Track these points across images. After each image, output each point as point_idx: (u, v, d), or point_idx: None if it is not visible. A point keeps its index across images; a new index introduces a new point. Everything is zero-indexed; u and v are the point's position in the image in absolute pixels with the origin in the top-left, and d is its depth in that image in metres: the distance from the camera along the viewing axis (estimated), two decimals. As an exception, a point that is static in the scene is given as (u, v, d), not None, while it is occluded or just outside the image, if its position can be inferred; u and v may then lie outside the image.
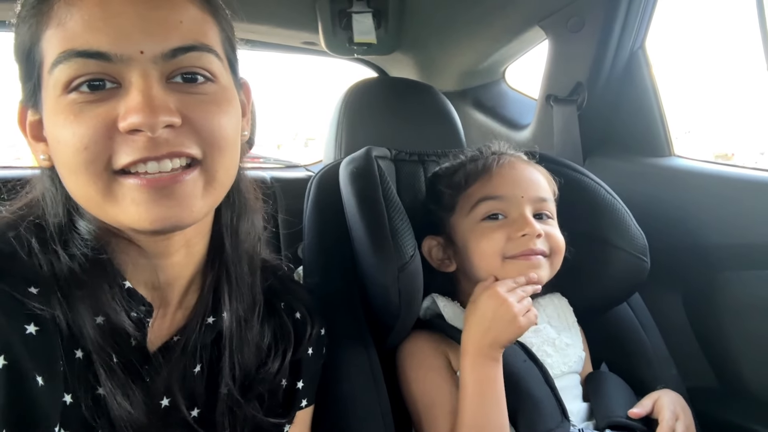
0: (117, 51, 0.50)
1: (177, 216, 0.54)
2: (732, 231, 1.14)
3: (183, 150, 0.53)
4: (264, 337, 0.70)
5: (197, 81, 0.55)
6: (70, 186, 0.55)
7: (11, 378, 0.50)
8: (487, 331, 0.80)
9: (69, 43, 0.50)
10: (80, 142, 0.50)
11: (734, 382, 1.19)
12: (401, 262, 0.81)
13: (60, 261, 0.56)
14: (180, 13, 0.54)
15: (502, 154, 0.95)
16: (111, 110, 0.51)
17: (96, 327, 0.55)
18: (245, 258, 0.69)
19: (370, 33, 1.34)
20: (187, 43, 0.53)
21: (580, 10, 1.23)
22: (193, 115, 0.53)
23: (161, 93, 0.51)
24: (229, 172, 0.59)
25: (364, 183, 0.90)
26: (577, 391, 0.91)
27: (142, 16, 0.51)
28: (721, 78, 1.87)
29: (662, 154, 1.29)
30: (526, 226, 0.85)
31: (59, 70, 0.51)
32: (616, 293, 1.02)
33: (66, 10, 0.51)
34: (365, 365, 0.84)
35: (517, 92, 1.75)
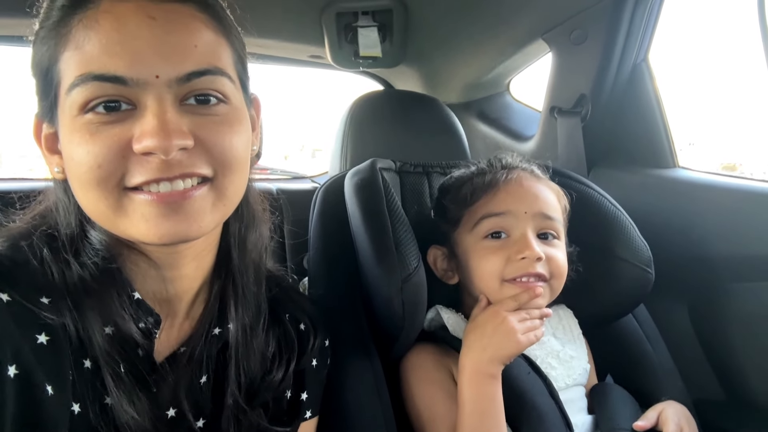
0: (133, 75, 0.52)
1: (185, 230, 0.55)
2: (737, 242, 1.14)
3: (195, 171, 0.54)
4: (269, 346, 0.70)
5: (210, 102, 0.56)
6: (82, 200, 0.56)
7: (22, 387, 0.51)
8: (485, 348, 0.81)
9: (86, 66, 0.52)
10: (94, 160, 0.52)
11: (741, 394, 1.18)
12: (405, 274, 0.82)
13: (71, 270, 0.57)
14: (195, 37, 0.55)
15: (512, 169, 0.94)
16: (126, 131, 0.52)
17: (105, 336, 0.56)
18: (251, 268, 0.70)
19: (376, 47, 1.36)
20: (201, 67, 0.55)
21: (583, 23, 1.24)
22: (205, 136, 0.55)
23: (175, 116, 0.53)
24: (239, 188, 0.61)
25: (368, 195, 0.90)
26: (582, 403, 0.91)
27: (158, 41, 0.53)
28: (725, 88, 1.87)
29: (666, 165, 1.29)
30: (526, 249, 0.84)
31: (76, 92, 0.52)
32: (621, 305, 1.01)
33: (84, 33, 0.52)
34: (369, 376, 0.84)
35: (522, 104, 1.77)
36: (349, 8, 1.26)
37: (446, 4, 1.25)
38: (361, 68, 1.63)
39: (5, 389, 0.50)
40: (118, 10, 0.53)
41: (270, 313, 0.73)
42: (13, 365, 0.51)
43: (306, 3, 1.26)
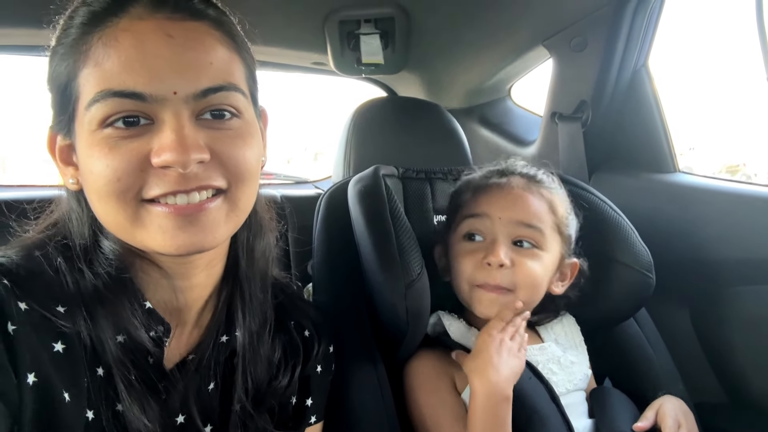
0: (152, 91, 0.53)
1: (201, 241, 0.57)
2: (738, 246, 1.15)
3: (211, 183, 0.56)
4: (275, 352, 0.72)
5: (224, 117, 0.58)
6: (100, 212, 0.58)
7: (40, 394, 0.53)
8: (499, 370, 0.80)
9: (106, 83, 0.53)
10: (114, 174, 0.54)
11: (743, 397, 1.19)
12: (408, 280, 0.83)
13: (85, 279, 0.59)
14: (210, 55, 0.57)
15: (509, 174, 0.94)
16: (144, 145, 0.54)
17: (117, 344, 0.58)
18: (258, 276, 0.72)
19: (378, 54, 1.38)
20: (217, 83, 0.56)
21: (583, 31, 1.25)
22: (220, 150, 0.57)
23: (192, 131, 0.55)
24: (250, 199, 0.63)
25: (371, 202, 0.92)
26: (583, 408, 0.91)
27: (176, 59, 0.54)
28: (726, 90, 1.87)
29: (667, 170, 1.30)
30: (492, 255, 0.85)
31: (96, 107, 0.54)
32: (623, 309, 1.02)
33: (103, 50, 0.54)
34: (373, 380, 0.86)
35: (523, 109, 1.78)
36: (351, 16, 1.27)
37: (447, 11, 1.26)
38: (363, 75, 1.64)
39: (24, 396, 0.52)
40: (137, 29, 0.54)
41: (276, 319, 0.74)
42: (32, 373, 0.53)
43: (309, 11, 1.27)
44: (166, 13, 0.56)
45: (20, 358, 0.53)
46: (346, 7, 1.25)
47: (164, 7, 0.56)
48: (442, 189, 1.11)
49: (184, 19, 0.56)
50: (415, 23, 1.29)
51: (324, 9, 1.25)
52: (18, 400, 0.52)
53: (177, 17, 0.56)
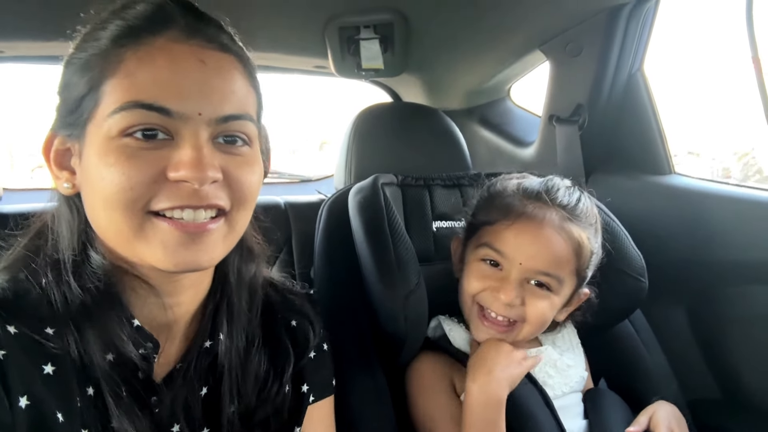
0: (178, 109, 0.56)
1: (198, 260, 0.59)
2: (733, 247, 1.17)
3: (217, 202, 0.59)
4: (261, 366, 0.73)
5: (236, 143, 0.61)
6: (102, 220, 0.59)
7: (34, 417, 0.55)
8: (491, 371, 0.85)
9: (135, 94, 0.56)
10: (128, 182, 0.55)
11: (738, 394, 1.22)
12: (407, 291, 0.87)
13: (72, 293, 0.59)
14: (234, 84, 0.61)
15: (547, 207, 0.89)
16: (161, 159, 0.56)
17: (106, 362, 0.59)
18: (246, 293, 0.74)
19: (378, 59, 1.39)
20: (237, 112, 0.60)
21: (578, 36, 1.26)
22: (230, 173, 0.60)
23: (210, 152, 0.58)
24: (246, 222, 0.66)
25: (371, 215, 0.95)
26: (579, 409, 0.94)
27: (205, 83, 0.58)
28: (725, 84, 1.88)
29: (663, 172, 1.32)
30: (503, 291, 0.87)
31: (121, 116, 0.56)
32: (616, 312, 1.05)
33: (137, 64, 0.57)
34: (372, 390, 0.88)
35: (523, 109, 1.79)
36: (350, 22, 1.29)
37: (445, 17, 1.27)
38: (364, 79, 1.66)
39: (17, 420, 0.54)
40: (173, 50, 0.58)
41: (263, 325, 0.76)
42: (24, 396, 0.54)
43: (309, 18, 1.29)
44: (200, 42, 0.59)
45: (11, 382, 0.54)
46: (345, 14, 1.26)
47: (199, 36, 0.60)
48: (441, 195, 1.13)
49: (215, 50, 0.60)
50: (414, 28, 1.30)
51: (324, 16, 1.26)
52: (12, 424, 0.53)
53: (209, 47, 0.60)
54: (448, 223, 1.12)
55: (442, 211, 1.12)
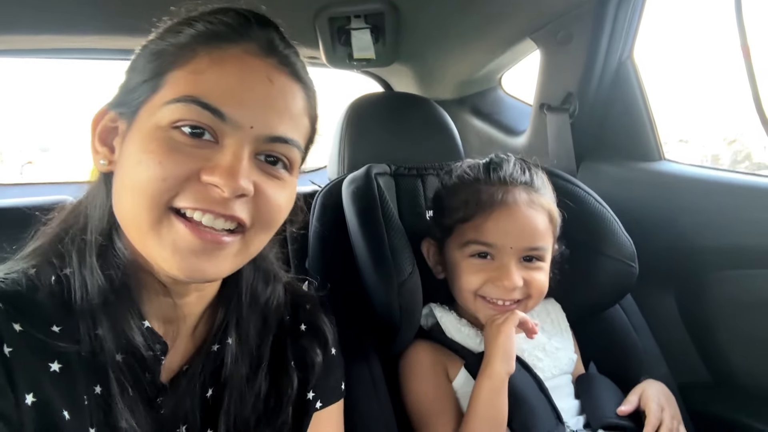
0: (233, 115, 0.57)
1: (206, 271, 0.58)
2: (722, 233, 1.19)
3: (240, 216, 0.58)
4: (262, 393, 0.72)
5: (276, 165, 0.62)
6: (125, 204, 0.59)
7: (40, 413, 0.55)
8: (486, 350, 0.88)
9: (197, 90, 0.56)
10: (162, 172, 0.55)
11: (726, 377, 1.24)
12: (401, 279, 0.87)
13: (93, 277, 0.60)
14: (293, 107, 0.62)
15: (509, 186, 0.93)
16: (200, 159, 0.57)
17: (116, 362, 0.59)
18: (256, 315, 0.73)
19: (369, 49, 1.39)
20: (287, 135, 0.61)
21: (569, 24, 1.27)
22: (262, 191, 0.60)
23: (248, 164, 0.58)
24: (262, 245, 0.65)
25: (364, 204, 0.95)
26: (569, 389, 0.96)
27: (267, 100, 0.59)
28: (713, 71, 1.89)
29: (653, 158, 1.33)
30: (506, 279, 0.89)
31: (176, 106, 0.56)
32: (607, 297, 1.07)
33: (207, 64, 0.58)
34: (367, 377, 0.89)
35: (514, 98, 1.79)
36: (341, 12, 1.28)
37: (436, 5, 1.27)
38: (355, 70, 1.66)
39: (24, 416, 0.54)
40: (246, 61, 0.59)
41: (274, 348, 0.75)
42: (30, 393, 0.54)
43: (298, 8, 1.28)
44: (274, 61, 0.61)
45: (18, 378, 0.54)
46: (336, 4, 1.25)
47: (273, 55, 0.61)
48: (433, 184, 1.14)
49: (287, 74, 0.61)
50: (405, 18, 1.30)
51: (314, 6, 1.26)
52: (18, 421, 0.53)
53: (280, 68, 0.61)
54: (441, 211, 1.12)
55: (436, 199, 1.12)
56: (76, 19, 1.25)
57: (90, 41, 1.40)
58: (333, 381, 0.81)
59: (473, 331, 0.96)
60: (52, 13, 1.21)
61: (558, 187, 1.03)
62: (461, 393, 0.92)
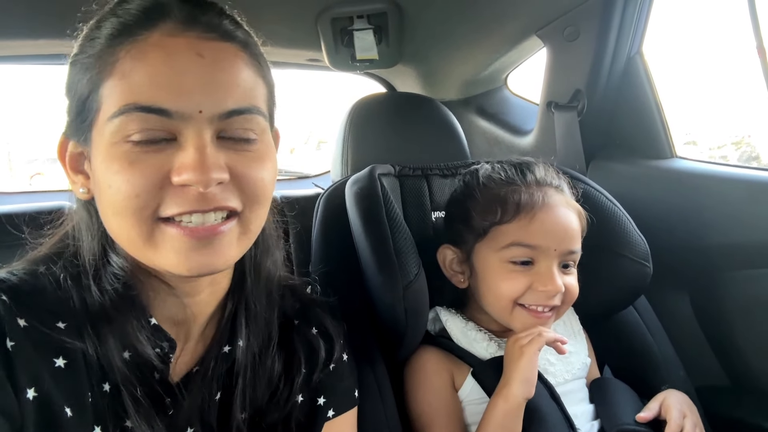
0: (178, 108, 0.53)
1: (212, 263, 0.57)
2: (736, 231, 1.16)
3: (227, 204, 0.56)
4: (275, 369, 0.71)
5: (245, 139, 0.58)
6: (113, 226, 0.58)
7: (41, 409, 0.54)
8: (506, 369, 0.84)
9: (132, 96, 0.53)
10: (133, 189, 0.53)
11: (744, 379, 1.21)
12: (406, 282, 0.84)
13: (91, 295, 0.59)
14: (237, 76, 0.57)
15: (545, 187, 0.91)
16: (165, 163, 0.54)
17: (123, 361, 0.58)
18: (264, 294, 0.72)
19: (372, 49, 1.37)
20: (242, 105, 0.57)
21: (576, 20, 1.24)
22: (239, 172, 0.57)
23: (214, 151, 0.55)
24: (262, 221, 0.63)
25: (368, 204, 0.93)
26: (583, 394, 0.93)
27: (205, 78, 0.55)
28: (723, 69, 1.86)
29: (664, 156, 1.30)
30: (550, 283, 0.85)
31: (120, 120, 0.53)
32: (620, 298, 1.03)
33: (131, 64, 0.54)
34: (372, 386, 0.86)
35: (520, 98, 1.77)
36: (344, 13, 1.27)
37: (439, 4, 1.26)
38: (358, 71, 1.64)
39: (25, 411, 0.53)
40: (167, 45, 0.55)
41: (282, 329, 0.74)
42: (32, 388, 0.54)
43: (301, 9, 1.27)
44: (198, 32, 0.56)
45: (19, 373, 0.53)
46: (338, 4, 1.24)
47: (196, 26, 0.56)
48: (439, 185, 1.12)
49: (215, 40, 0.57)
50: (408, 17, 1.29)
51: (316, 7, 1.24)
52: (19, 415, 0.53)
53: (208, 37, 0.56)
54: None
55: (441, 200, 1.10)
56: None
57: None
58: (345, 388, 0.79)
59: (480, 334, 0.92)
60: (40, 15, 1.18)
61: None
62: (467, 401, 0.89)
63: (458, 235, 0.95)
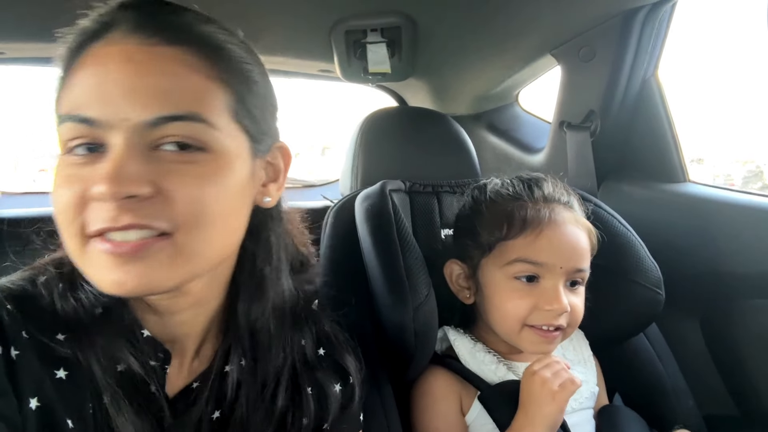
0: (100, 116, 0.51)
1: (142, 283, 0.51)
2: (750, 258, 1.14)
3: (147, 223, 0.50)
4: (277, 403, 0.68)
5: (186, 150, 0.53)
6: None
7: (44, 420, 0.53)
8: (528, 409, 0.81)
9: (68, 105, 0.53)
10: (59, 206, 0.52)
11: (754, 409, 1.18)
12: (416, 303, 0.83)
13: (76, 308, 0.57)
14: (170, 81, 0.52)
15: (553, 203, 0.90)
16: (88, 176, 0.50)
17: (116, 374, 0.57)
18: (271, 313, 0.68)
19: (385, 63, 1.37)
20: (174, 112, 0.52)
21: (592, 41, 1.24)
22: (169, 187, 0.51)
23: (135, 162, 0.50)
24: (214, 245, 0.56)
25: (379, 223, 0.91)
26: (590, 426, 0.90)
27: (130, 85, 0.51)
28: (735, 89, 1.85)
29: (677, 180, 1.28)
30: (555, 302, 0.83)
31: (59, 130, 0.53)
32: (631, 325, 1.02)
33: (75, 75, 0.53)
34: (377, 406, 0.84)
35: (531, 115, 1.76)
36: (357, 26, 1.26)
37: (454, 20, 1.25)
38: (370, 84, 1.64)
39: (27, 421, 0.52)
40: (102, 54, 0.53)
41: (293, 367, 0.70)
42: (34, 398, 0.53)
43: (315, 22, 1.27)
44: (139, 39, 0.52)
45: (23, 382, 0.53)
46: (352, 17, 1.23)
47: (138, 33, 0.53)
48: (449, 202, 1.10)
49: (157, 44, 0.53)
50: (422, 32, 1.28)
51: (330, 19, 1.24)
52: (21, 424, 0.52)
53: (148, 42, 0.53)
54: (456, 230, 1.08)
55: (451, 218, 1.09)
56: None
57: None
58: (351, 413, 0.76)
59: (488, 357, 0.91)
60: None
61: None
62: (474, 427, 0.87)
63: (465, 250, 0.94)
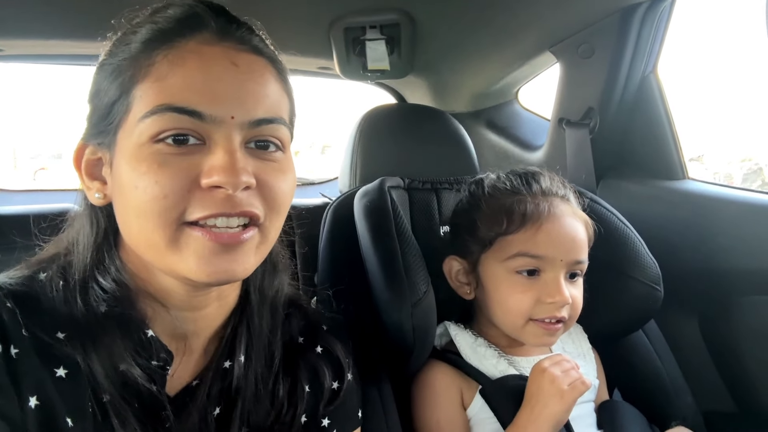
0: (211, 112, 0.55)
1: (232, 271, 0.57)
2: (748, 255, 1.14)
3: (251, 210, 0.57)
4: (278, 391, 0.70)
5: (269, 149, 0.60)
6: (134, 229, 0.58)
7: (43, 418, 0.53)
8: (534, 406, 0.81)
9: (167, 98, 0.54)
10: (161, 191, 0.54)
11: (752, 406, 1.19)
12: (415, 299, 0.83)
13: (79, 309, 0.59)
14: (267, 88, 0.59)
15: (551, 197, 0.91)
16: (194, 165, 0.55)
17: (118, 374, 0.57)
18: (269, 310, 0.71)
19: (384, 60, 1.37)
20: (270, 115, 0.59)
21: (591, 38, 1.24)
22: (263, 180, 0.58)
23: (243, 156, 0.56)
24: (278, 232, 0.64)
25: (377, 219, 0.91)
26: (591, 419, 0.91)
27: (238, 86, 0.57)
28: (734, 86, 1.86)
29: (676, 177, 1.29)
30: (557, 294, 0.84)
31: (151, 120, 0.54)
32: (630, 321, 1.02)
33: (168, 67, 0.55)
34: (376, 402, 0.84)
35: (530, 112, 1.76)
36: (356, 23, 1.26)
37: (453, 17, 1.25)
38: (369, 81, 1.64)
39: (27, 419, 0.53)
40: (204, 52, 0.57)
41: (287, 353, 0.73)
42: (34, 396, 0.53)
43: (314, 19, 1.27)
44: (232, 43, 0.58)
45: (22, 380, 0.53)
46: (351, 14, 1.24)
47: (230, 38, 0.59)
48: (448, 199, 1.11)
49: (247, 52, 0.59)
50: (421, 29, 1.28)
51: (329, 16, 1.24)
52: (22, 422, 0.52)
53: (242, 48, 0.59)
54: (455, 227, 1.08)
55: (449, 214, 1.08)
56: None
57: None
58: (349, 408, 0.77)
59: (490, 351, 0.91)
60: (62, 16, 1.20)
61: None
62: (475, 420, 0.87)
63: (464, 245, 0.94)
